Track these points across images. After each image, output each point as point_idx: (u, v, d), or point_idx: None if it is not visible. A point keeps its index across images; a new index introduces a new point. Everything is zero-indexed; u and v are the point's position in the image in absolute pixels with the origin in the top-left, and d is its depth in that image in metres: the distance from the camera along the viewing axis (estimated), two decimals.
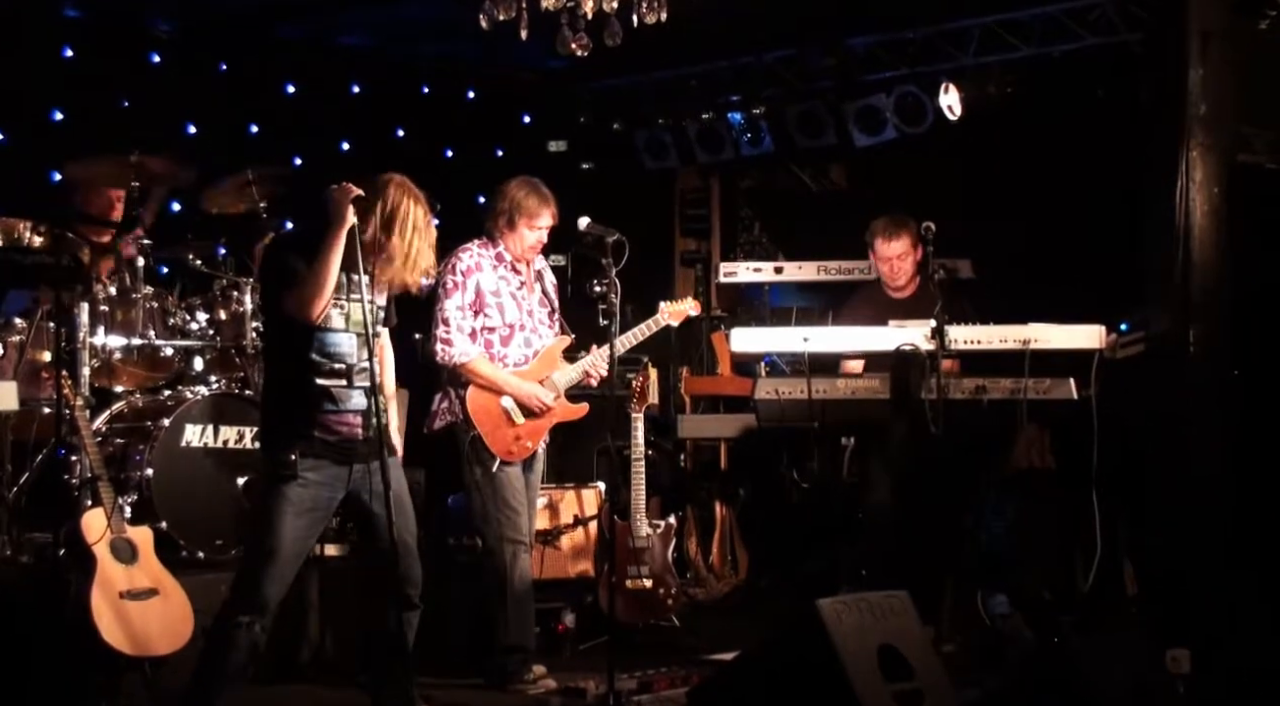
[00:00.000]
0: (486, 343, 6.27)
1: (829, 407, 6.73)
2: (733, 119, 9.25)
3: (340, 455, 5.12)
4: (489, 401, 6.24)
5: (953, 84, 8.23)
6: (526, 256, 6.36)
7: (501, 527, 6.20)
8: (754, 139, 9.16)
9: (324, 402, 5.09)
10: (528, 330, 6.36)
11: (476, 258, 6.27)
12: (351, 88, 9.28)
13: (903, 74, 8.49)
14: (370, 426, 5.16)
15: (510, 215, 6.28)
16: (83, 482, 6.17)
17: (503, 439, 6.25)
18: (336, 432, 5.11)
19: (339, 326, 5.11)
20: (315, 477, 5.07)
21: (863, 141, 8.69)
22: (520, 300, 6.34)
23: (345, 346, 5.13)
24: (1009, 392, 6.52)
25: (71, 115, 8.11)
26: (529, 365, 6.34)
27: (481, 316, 6.24)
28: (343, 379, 5.12)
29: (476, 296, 6.23)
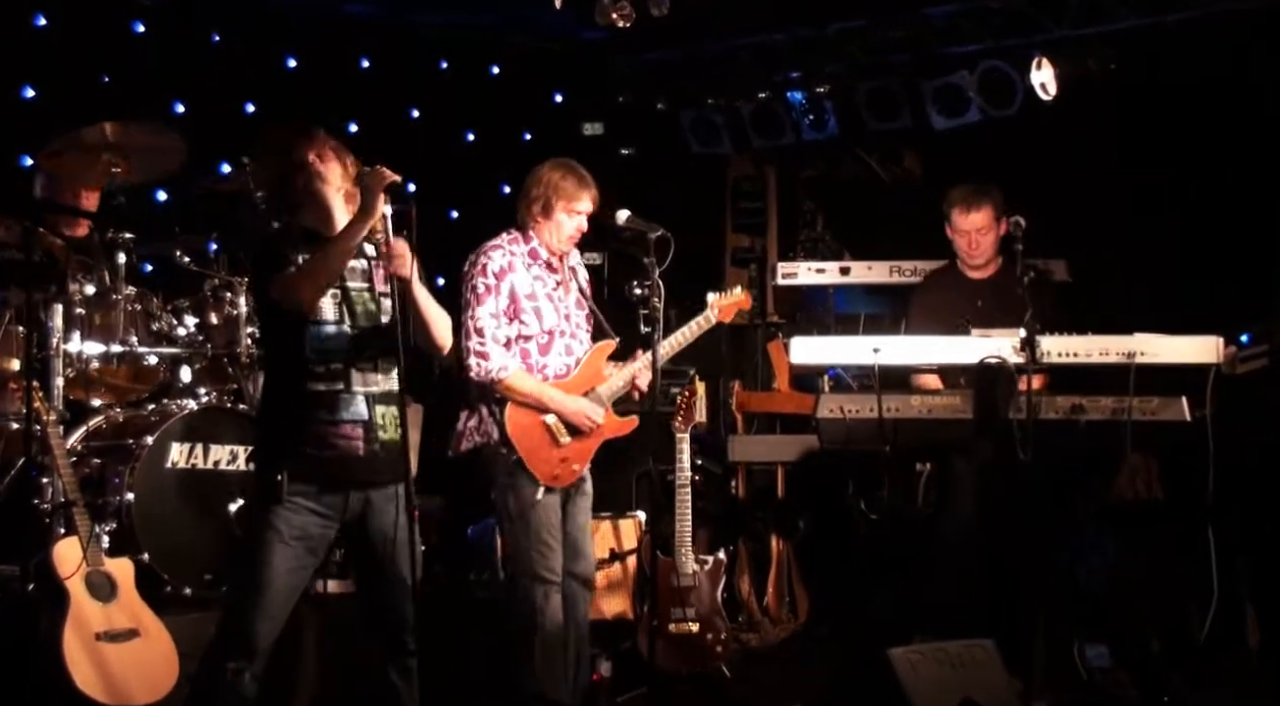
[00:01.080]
0: (523, 352, 6.22)
1: (902, 428, 6.71)
2: (792, 98, 9.23)
3: (336, 477, 5.04)
4: (530, 420, 6.18)
5: (1046, 59, 8.20)
6: (563, 248, 6.31)
7: (533, 564, 6.16)
8: (817, 121, 9.14)
9: (317, 410, 5.02)
10: (567, 336, 6.32)
11: (508, 256, 6.23)
12: (360, 62, 9.32)
13: (988, 47, 8.46)
14: (375, 440, 5.09)
15: (545, 200, 6.25)
16: (55, 508, 6.19)
17: (546, 461, 6.20)
18: (332, 446, 5.02)
19: (331, 317, 5.04)
20: (306, 503, 5.01)
21: (941, 124, 8.67)
22: (557, 302, 6.30)
23: (341, 341, 5.06)
24: (1111, 413, 6.47)
25: (44, 92, 8.13)
26: (570, 375, 6.30)
27: (517, 323, 6.21)
28: (339, 381, 5.03)
29: (511, 301, 6.19)
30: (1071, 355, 6.50)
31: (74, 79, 8.11)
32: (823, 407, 6.86)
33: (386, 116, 9.22)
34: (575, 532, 6.36)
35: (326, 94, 8.98)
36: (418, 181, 9.70)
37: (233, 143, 7.49)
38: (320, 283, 4.93)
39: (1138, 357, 6.42)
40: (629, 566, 7.52)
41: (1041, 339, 6.44)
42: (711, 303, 6.70)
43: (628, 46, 9.38)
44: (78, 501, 6.01)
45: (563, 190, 6.24)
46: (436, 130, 9.41)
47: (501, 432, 6.16)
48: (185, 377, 7.15)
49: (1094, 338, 6.52)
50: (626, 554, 7.55)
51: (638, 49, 9.51)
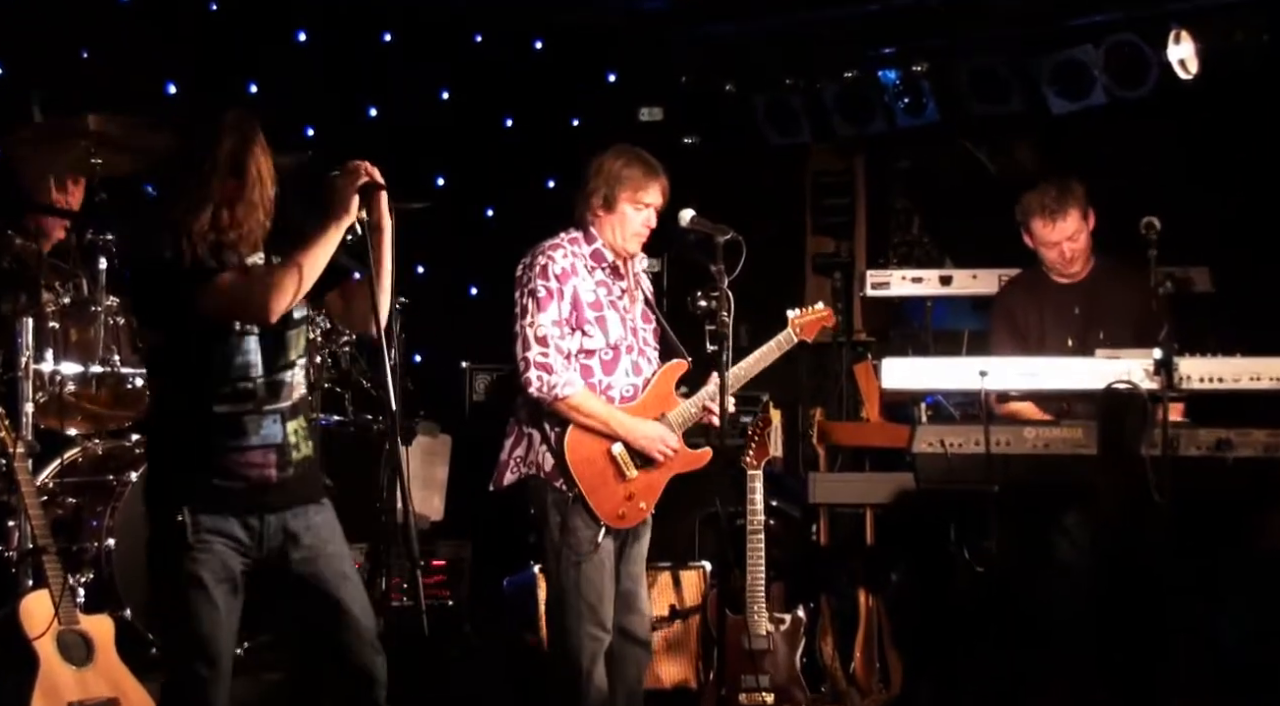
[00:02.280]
0: (584, 369, 6.21)
1: (1013, 465, 6.65)
2: (885, 78, 9.23)
3: (248, 506, 4.94)
4: (595, 448, 6.18)
5: (1186, 30, 8.14)
6: (629, 249, 6.32)
7: (582, 620, 6.13)
8: (913, 105, 9.15)
9: (223, 436, 4.91)
10: (634, 352, 6.33)
11: (570, 258, 6.23)
12: (382, 36, 9.34)
13: (1117, 18, 8.41)
14: (289, 463, 4.98)
15: (607, 192, 6.25)
16: (22, 556, 6.18)
17: (611, 499, 6.19)
18: (242, 477, 4.92)
19: (245, 327, 4.92)
20: (218, 538, 4.89)
21: (1061, 108, 8.65)
22: (623, 313, 6.33)
23: (251, 354, 4.94)
24: (1264, 449, 6.39)
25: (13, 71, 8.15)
26: (637, 398, 6.32)
27: (579, 335, 6.20)
28: (248, 401, 4.92)
29: (574, 308, 6.19)
30: (1217, 381, 6.41)
31: (49, 55, 8.11)
32: (919, 440, 6.82)
33: (411, 99, 9.26)
34: (629, 583, 6.35)
35: (342, 73, 9.01)
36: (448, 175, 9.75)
37: None
38: (295, 292, 4.84)
39: None
40: (692, 625, 7.52)
41: (1180, 361, 6.36)
42: (792, 319, 6.70)
43: (692, 18, 9.43)
44: (49, 548, 5.99)
45: (627, 179, 6.25)
46: (469, 115, 9.45)
47: (559, 462, 6.14)
48: None
49: (1244, 360, 6.44)
50: (689, 611, 7.55)
51: (703, 21, 9.54)
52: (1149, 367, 6.38)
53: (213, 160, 4.93)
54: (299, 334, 5.07)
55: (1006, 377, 6.69)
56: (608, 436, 6.17)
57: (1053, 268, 7.20)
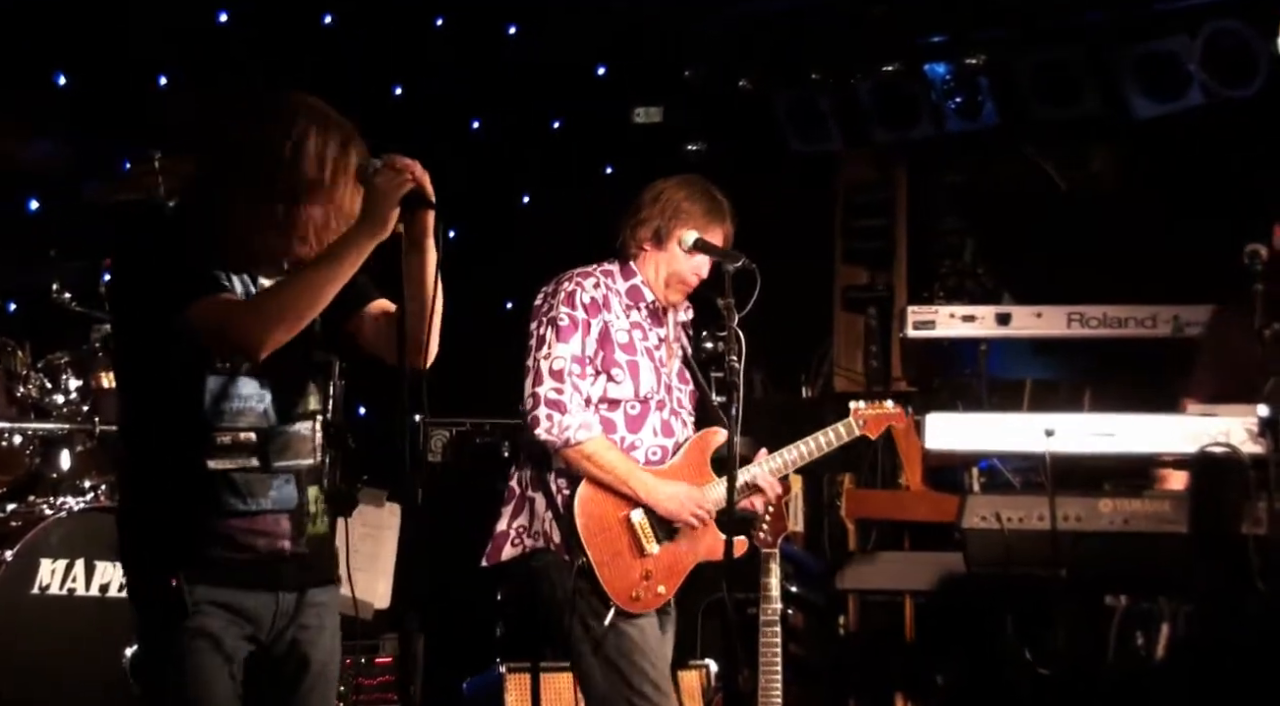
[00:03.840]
0: (605, 422, 6.23)
1: (1085, 545, 6.66)
2: (933, 73, 9.29)
3: (257, 580, 4.81)
4: (609, 510, 6.20)
5: None
6: (669, 296, 6.38)
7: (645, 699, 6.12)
8: (967, 106, 9.20)
9: (224, 498, 4.75)
10: (666, 410, 6.37)
11: (604, 289, 6.29)
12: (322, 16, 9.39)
13: (1218, 2, 8.42)
14: (304, 535, 4.87)
15: (661, 225, 6.33)
16: None
17: (624, 575, 6.18)
18: (248, 548, 4.78)
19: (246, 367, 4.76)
20: (221, 611, 4.74)
21: (1148, 110, 8.74)
22: (659, 363, 6.37)
23: (253, 400, 4.80)
24: None
25: None
26: (667, 463, 6.35)
27: (605, 379, 6.22)
28: (253, 456, 4.79)
29: (602, 347, 6.23)
30: None
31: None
32: (970, 514, 6.82)
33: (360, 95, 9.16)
34: None
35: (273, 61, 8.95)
36: None
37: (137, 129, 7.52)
38: (302, 317, 4.67)
39: None
40: None
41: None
42: (855, 410, 6.78)
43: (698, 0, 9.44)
44: None
45: (686, 215, 6.33)
46: (429, 115, 9.42)
47: (569, 528, 6.14)
48: (63, 464, 7.19)
49: None
50: None
51: (712, 3, 9.58)
52: (1252, 427, 6.37)
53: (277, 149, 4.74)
54: (322, 380, 4.99)
55: (1078, 438, 6.67)
56: (626, 498, 6.18)
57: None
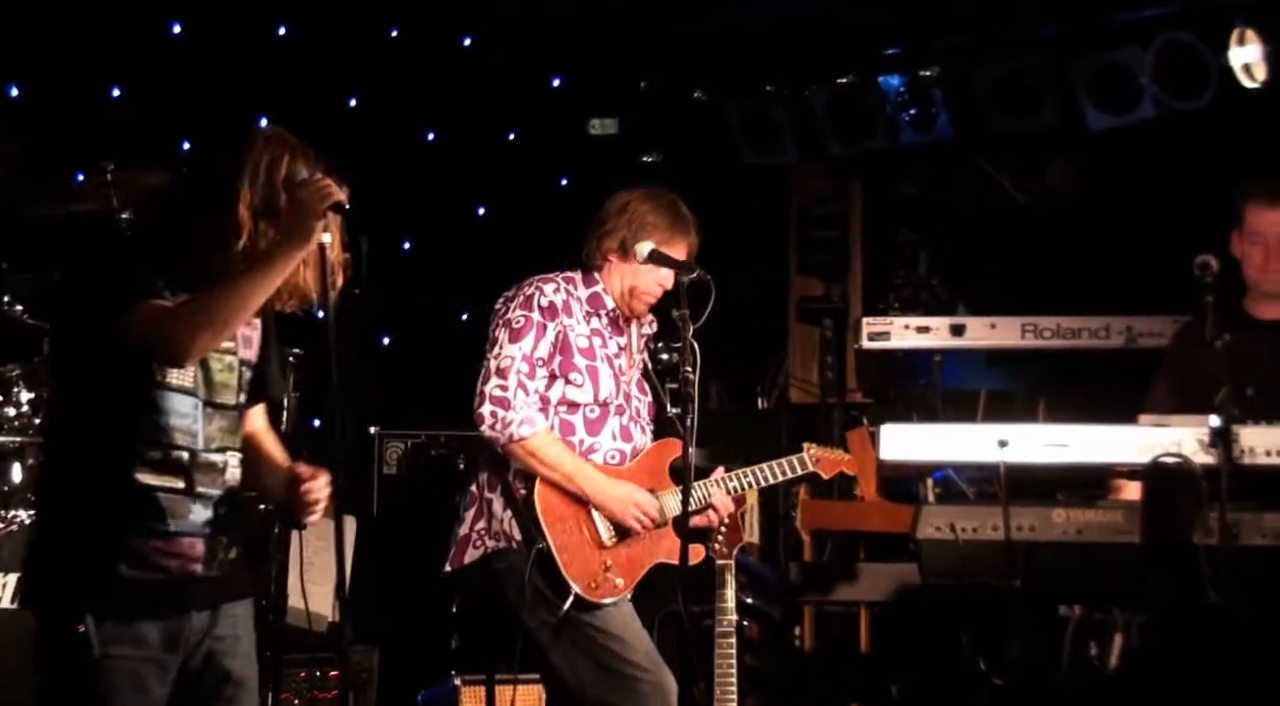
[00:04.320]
0: (564, 425, 6.33)
1: (1039, 556, 6.60)
2: (887, 85, 9.30)
3: (167, 603, 4.83)
4: (569, 507, 6.29)
5: (1253, 29, 8.19)
6: (631, 307, 6.46)
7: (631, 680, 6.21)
8: (921, 118, 9.19)
9: (146, 518, 4.79)
10: (625, 415, 6.44)
11: (565, 295, 6.37)
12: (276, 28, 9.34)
13: (1170, 13, 8.49)
14: (216, 560, 4.91)
15: (627, 237, 6.40)
16: None
17: (585, 562, 6.28)
18: (162, 569, 4.80)
19: (184, 384, 4.84)
20: (133, 651, 4.76)
21: (1101, 122, 8.74)
22: (618, 371, 6.47)
23: (189, 420, 4.86)
24: None
25: None
26: (625, 466, 6.46)
27: (563, 383, 6.30)
28: (179, 477, 4.84)
29: (560, 351, 6.30)
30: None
31: None
32: (924, 525, 6.75)
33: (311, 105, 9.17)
34: None
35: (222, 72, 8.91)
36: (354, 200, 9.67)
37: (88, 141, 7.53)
38: (227, 326, 4.76)
39: None
40: None
41: (1242, 430, 6.35)
42: (808, 448, 6.88)
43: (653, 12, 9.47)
44: None
45: (652, 227, 6.41)
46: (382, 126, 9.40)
47: (529, 518, 6.19)
48: (15, 477, 7.18)
49: None
50: None
51: (667, 14, 9.58)
52: (1204, 438, 6.36)
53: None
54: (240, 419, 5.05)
55: (1031, 448, 6.63)
56: (575, 494, 6.25)
57: (1253, 280, 7.16)
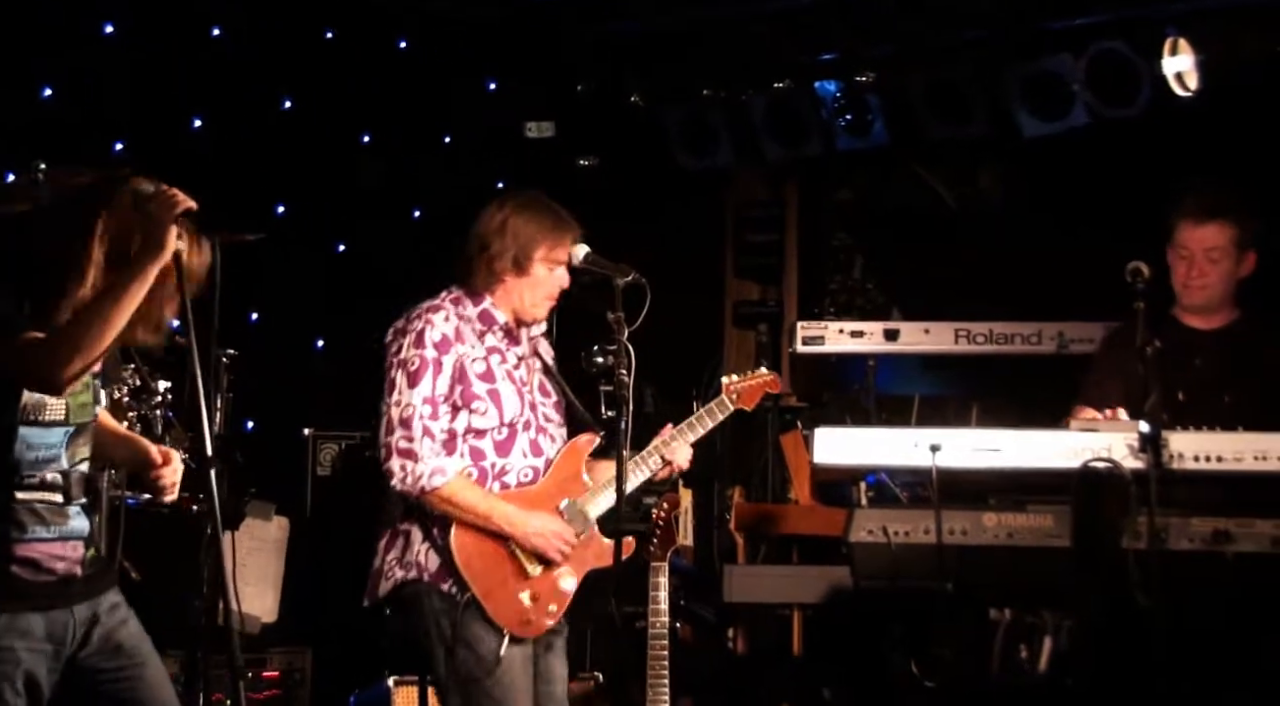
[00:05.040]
0: (474, 452, 6.29)
1: (970, 558, 6.69)
2: (824, 91, 9.30)
3: (53, 599, 5.13)
4: (488, 544, 6.23)
5: (1184, 39, 8.22)
6: (537, 314, 6.45)
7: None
8: (857, 123, 9.20)
9: (29, 526, 5.10)
10: (533, 430, 6.40)
11: (455, 321, 6.31)
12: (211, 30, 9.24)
13: (1103, 20, 8.49)
14: (89, 559, 5.20)
15: (519, 254, 6.34)
16: None
17: (511, 602, 6.23)
18: (48, 570, 5.12)
19: (55, 418, 5.14)
20: (22, 644, 5.05)
21: (1034, 129, 8.74)
22: (520, 384, 6.41)
23: (57, 449, 5.16)
24: (1269, 544, 6.43)
25: None
26: (539, 483, 6.37)
27: (465, 413, 6.25)
28: (58, 492, 5.14)
29: (459, 382, 6.26)
30: (1215, 460, 6.46)
31: None
32: (857, 528, 6.84)
33: (245, 107, 9.15)
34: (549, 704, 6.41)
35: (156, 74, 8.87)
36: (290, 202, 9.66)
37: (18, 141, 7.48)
38: (96, 350, 4.96)
39: None
40: None
41: (1171, 436, 6.41)
42: (726, 385, 6.78)
43: (589, 14, 9.47)
44: None
45: (539, 234, 6.35)
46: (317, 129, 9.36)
47: (445, 561, 6.17)
48: None
49: (1249, 435, 6.50)
50: None
51: (604, 18, 9.57)
52: (1133, 443, 6.42)
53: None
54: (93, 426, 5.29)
55: (963, 453, 6.72)
56: (494, 533, 6.21)
57: (1180, 292, 7.20)
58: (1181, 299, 7.15)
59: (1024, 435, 6.78)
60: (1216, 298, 7.14)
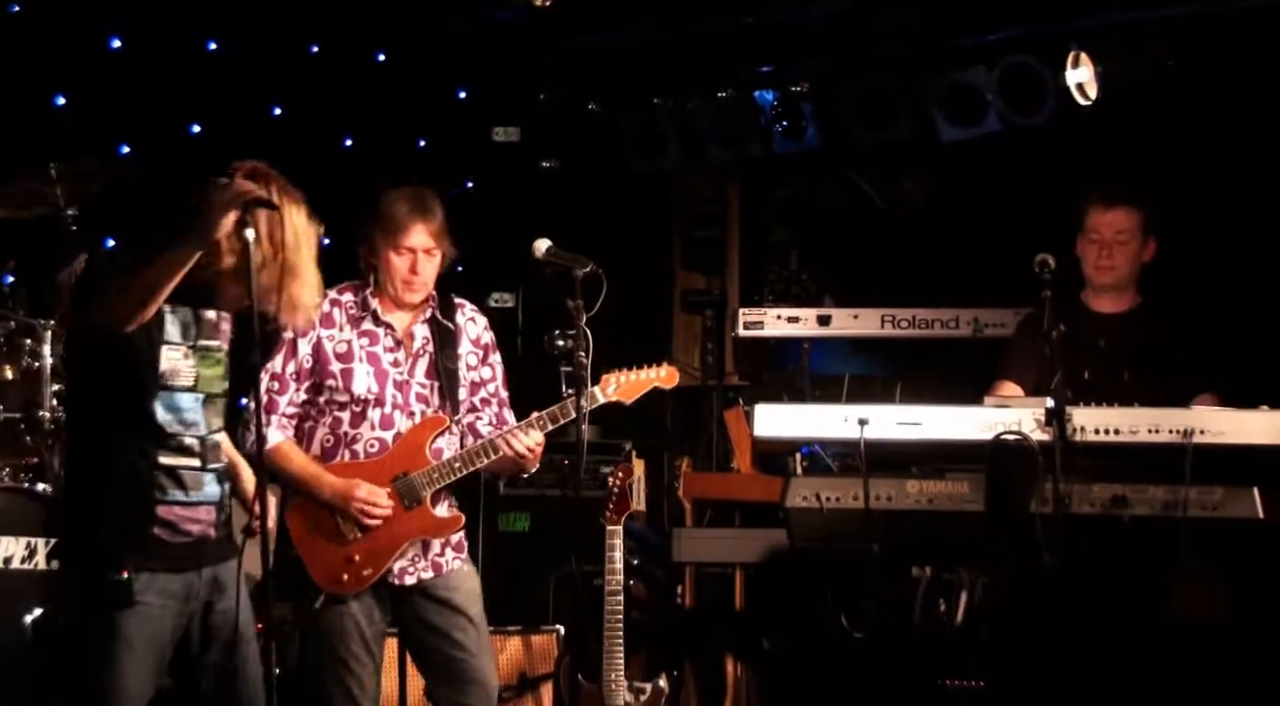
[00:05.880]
0: (333, 422, 6.33)
1: (894, 522, 6.70)
2: (762, 99, 9.30)
3: (187, 561, 5.16)
4: (311, 508, 6.27)
5: (1086, 53, 8.25)
6: (402, 297, 6.40)
7: (330, 690, 6.19)
8: (792, 129, 9.21)
9: (170, 490, 5.12)
10: (387, 406, 6.37)
11: (329, 307, 6.33)
12: (207, 44, 9.22)
13: (1013, 37, 8.52)
14: (222, 522, 5.27)
15: (370, 237, 6.38)
16: None
17: (328, 562, 6.24)
18: (185, 533, 5.15)
19: (185, 383, 5.14)
20: (158, 602, 5.06)
21: (952, 135, 8.75)
22: (385, 365, 6.41)
23: (192, 412, 5.17)
24: (1162, 507, 6.42)
25: None
26: (383, 455, 6.36)
27: (325, 388, 6.31)
28: (195, 457, 5.16)
29: (316, 359, 6.31)
30: (1113, 432, 6.48)
31: None
32: (793, 494, 6.83)
33: (239, 114, 9.13)
34: (454, 653, 6.36)
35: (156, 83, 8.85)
36: None
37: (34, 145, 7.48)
38: (137, 300, 4.92)
39: (1197, 436, 6.37)
40: (544, 695, 7.52)
41: (1074, 411, 6.43)
42: (607, 378, 6.63)
43: (552, 30, 9.38)
44: None
45: (386, 221, 6.35)
46: (305, 133, 9.34)
47: (281, 526, 6.18)
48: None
49: (1140, 410, 6.50)
50: (540, 678, 7.56)
51: (564, 33, 9.49)
52: (1040, 418, 6.43)
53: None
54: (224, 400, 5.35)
55: (888, 426, 6.70)
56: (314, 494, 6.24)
57: (1090, 275, 7.24)
58: (1093, 280, 7.19)
59: (943, 410, 6.76)
60: (1124, 278, 7.18)
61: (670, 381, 6.82)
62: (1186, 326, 6.97)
